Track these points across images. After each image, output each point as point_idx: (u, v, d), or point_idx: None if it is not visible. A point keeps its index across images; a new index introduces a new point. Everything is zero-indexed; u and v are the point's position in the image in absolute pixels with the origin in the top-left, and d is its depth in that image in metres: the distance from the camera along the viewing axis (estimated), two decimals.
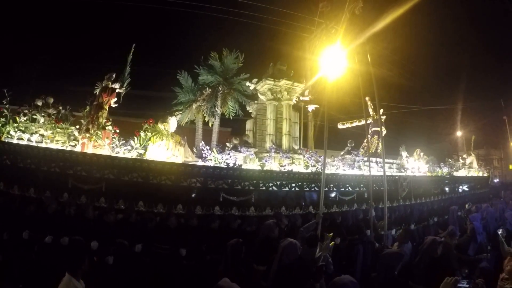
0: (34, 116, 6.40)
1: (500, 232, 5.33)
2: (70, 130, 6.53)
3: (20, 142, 5.88)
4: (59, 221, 4.80)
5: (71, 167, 5.82)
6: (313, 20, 9.97)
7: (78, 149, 6.26)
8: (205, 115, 9.36)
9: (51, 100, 6.68)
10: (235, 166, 6.51)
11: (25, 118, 6.17)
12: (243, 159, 7.00)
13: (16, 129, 6.00)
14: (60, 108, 6.81)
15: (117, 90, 6.76)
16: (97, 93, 6.94)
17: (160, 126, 6.51)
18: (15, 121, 6.04)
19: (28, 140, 5.98)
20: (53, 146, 6.07)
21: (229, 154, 6.73)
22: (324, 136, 5.46)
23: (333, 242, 3.89)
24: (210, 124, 9.69)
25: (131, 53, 7.11)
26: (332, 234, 3.99)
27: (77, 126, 6.66)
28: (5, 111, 6.00)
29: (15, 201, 5.21)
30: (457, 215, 7.74)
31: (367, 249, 6.06)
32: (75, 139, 6.53)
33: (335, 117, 13.89)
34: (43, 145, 5.97)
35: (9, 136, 5.89)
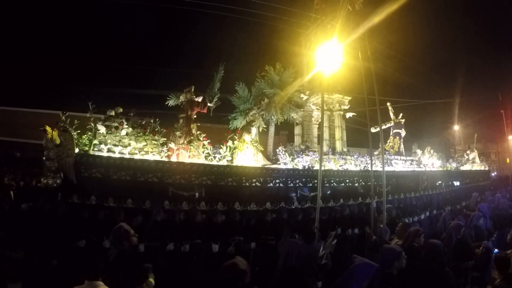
0: (125, 128, 6.42)
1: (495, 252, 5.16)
2: (162, 141, 6.87)
3: (111, 154, 5.95)
4: (172, 228, 5.24)
5: (170, 177, 6.21)
6: (308, 15, 10.56)
7: (173, 159, 6.82)
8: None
9: (120, 110, 6.74)
10: (308, 167, 7.93)
11: (105, 130, 6.11)
12: (310, 161, 8.40)
13: (105, 142, 6.02)
14: (152, 121, 7.05)
15: (208, 105, 7.88)
16: (184, 106, 7.97)
17: (247, 136, 7.77)
18: (94, 135, 6.05)
19: (120, 152, 6.09)
20: (146, 157, 6.29)
21: (302, 157, 8.12)
22: (321, 132, 6.05)
23: (335, 240, 3.88)
24: (260, 129, 10.98)
25: (221, 71, 8.08)
26: (334, 232, 4.03)
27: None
28: (92, 124, 6.09)
29: (119, 213, 5.21)
30: (478, 201, 9.09)
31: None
32: (168, 149, 6.92)
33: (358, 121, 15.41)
34: (138, 156, 6.19)
35: (95, 149, 5.92)
